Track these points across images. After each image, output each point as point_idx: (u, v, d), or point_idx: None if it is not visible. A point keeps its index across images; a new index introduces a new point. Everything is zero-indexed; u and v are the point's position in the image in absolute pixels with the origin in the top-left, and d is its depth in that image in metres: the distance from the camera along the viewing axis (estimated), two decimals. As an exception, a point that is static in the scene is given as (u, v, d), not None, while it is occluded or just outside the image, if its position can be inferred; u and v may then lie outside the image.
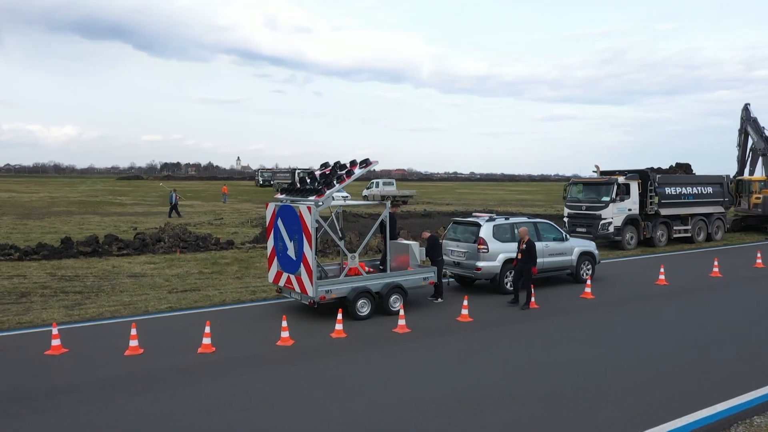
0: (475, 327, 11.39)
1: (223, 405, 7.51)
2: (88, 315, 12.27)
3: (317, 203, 11.48)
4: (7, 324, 11.48)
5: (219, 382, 8.36)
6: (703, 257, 20.92)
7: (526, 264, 12.90)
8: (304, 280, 11.61)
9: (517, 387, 8.12)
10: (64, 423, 7.03)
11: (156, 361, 9.24)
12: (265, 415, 7.19)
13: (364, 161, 12.53)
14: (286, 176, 78.55)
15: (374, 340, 10.46)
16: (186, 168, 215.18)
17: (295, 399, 7.71)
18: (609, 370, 8.81)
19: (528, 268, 12.88)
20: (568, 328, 11.33)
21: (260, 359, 9.39)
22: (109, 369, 8.90)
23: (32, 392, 7.95)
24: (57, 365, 9.08)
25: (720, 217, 26.13)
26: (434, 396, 7.79)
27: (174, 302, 13.42)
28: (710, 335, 10.80)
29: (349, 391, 8.01)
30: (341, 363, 9.19)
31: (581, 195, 23.82)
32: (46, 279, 15.84)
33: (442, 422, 6.97)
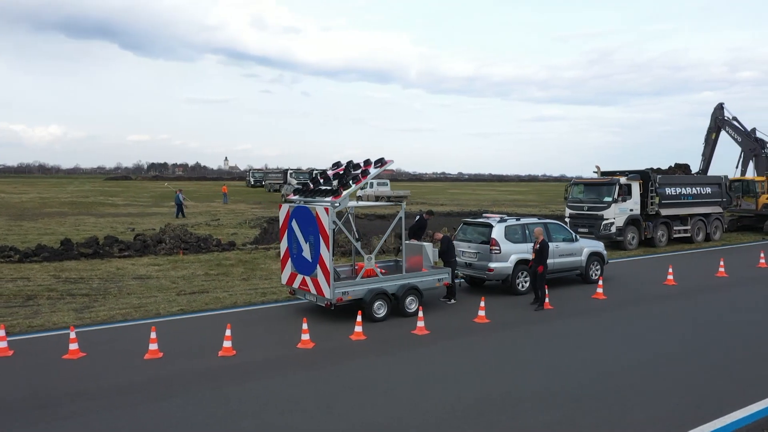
0: (493, 328, 11.36)
1: (255, 409, 7.41)
2: (99, 318, 12.09)
3: (334, 204, 11.39)
4: (18, 328, 11.28)
5: (246, 385, 8.25)
6: (705, 257, 21.06)
7: (538, 263, 12.94)
8: (320, 282, 11.51)
9: (548, 389, 8.09)
10: (92, 430, 6.89)
11: (177, 365, 9.12)
12: (300, 419, 7.10)
13: (380, 160, 12.42)
14: (278, 177, 78.27)
15: (394, 342, 10.39)
16: (173, 168, 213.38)
17: (327, 402, 7.62)
18: (634, 371, 8.81)
19: (537, 268, 12.95)
20: (586, 329, 11.33)
21: (283, 362, 9.29)
22: (131, 373, 8.76)
23: (57, 398, 7.80)
24: (77, 370, 8.93)
25: (718, 218, 26.33)
26: (467, 398, 7.73)
27: (185, 305, 13.27)
28: (729, 336, 10.84)
29: (380, 394, 7.94)
30: (366, 366, 9.12)
31: (583, 195, 23.89)
32: (51, 281, 15.61)
33: (483, 424, 6.92)
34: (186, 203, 39.78)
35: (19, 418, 7.19)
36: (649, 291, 14.83)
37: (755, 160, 29.63)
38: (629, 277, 16.74)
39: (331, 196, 11.67)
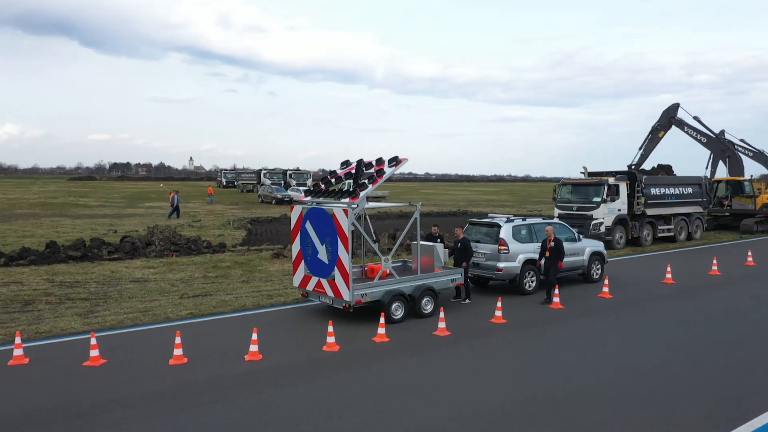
0: (511, 328, 11.41)
1: (303, 414, 7.28)
2: (107, 323, 11.75)
3: (351, 206, 11.28)
4: (26, 334, 10.87)
5: (285, 390, 8.11)
6: (693, 256, 21.58)
7: (554, 260, 13.11)
8: (338, 284, 11.39)
9: (587, 387, 8.15)
10: (140, 438, 6.69)
11: (206, 370, 8.91)
12: (353, 423, 7.00)
13: (394, 159, 12.32)
14: (252, 177, 77.31)
15: (419, 344, 10.35)
16: (137, 168, 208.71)
17: (374, 406, 7.53)
18: (664, 369, 8.94)
19: (555, 264, 13.11)
20: (603, 328, 11.47)
21: (314, 365, 9.16)
22: (160, 379, 8.53)
23: (91, 406, 7.54)
24: (102, 377, 8.65)
25: (699, 217, 27.02)
26: (512, 397, 7.75)
27: (192, 308, 12.99)
28: (744, 333, 11.09)
29: (425, 396, 7.89)
30: (400, 368, 9.05)
31: (571, 196, 24.22)
32: (46, 286, 15.11)
33: (539, 423, 6.93)
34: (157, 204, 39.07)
35: (57, 428, 6.93)
36: (651, 290, 15.11)
37: (729, 162, 30.41)
38: (627, 276, 17.02)
39: (348, 197, 11.56)
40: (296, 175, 73.40)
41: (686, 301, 13.75)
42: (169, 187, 70.66)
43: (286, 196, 50.95)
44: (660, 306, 13.26)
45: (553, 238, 13.40)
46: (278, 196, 50.68)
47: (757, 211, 29.55)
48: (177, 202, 35.85)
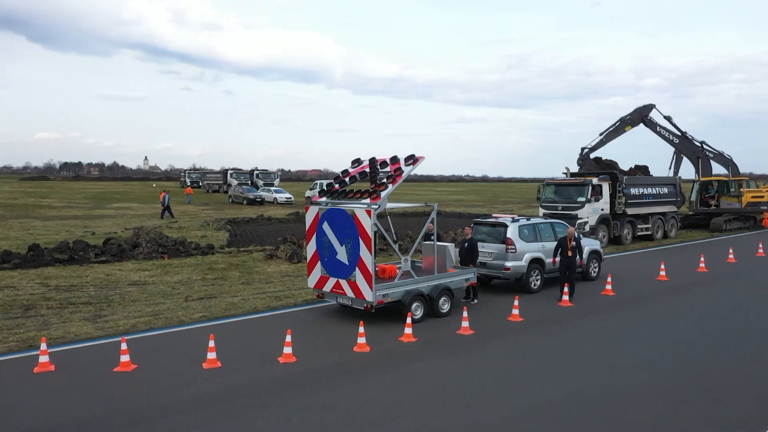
0: (531, 326, 11.61)
1: (364, 415, 7.29)
2: (120, 328, 11.46)
3: (370, 206, 11.28)
4: (39, 340, 10.51)
5: (334, 391, 8.08)
6: (675, 253, 22.30)
7: (574, 259, 13.65)
8: (360, 284, 11.38)
9: (627, 383, 8.38)
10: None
11: (244, 373, 8.80)
12: (417, 423, 7.03)
13: (410, 157, 12.26)
14: (217, 177, 76.02)
15: (446, 343, 10.45)
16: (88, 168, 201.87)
17: (428, 404, 7.58)
18: (698, 364, 9.26)
19: (576, 263, 13.73)
20: (620, 324, 11.77)
21: (351, 366, 9.16)
22: (201, 384, 8.39)
23: (140, 413, 7.37)
24: (139, 382, 8.45)
25: (674, 216, 27.95)
26: (557, 393, 7.91)
27: (202, 311, 12.78)
28: (759, 327, 11.56)
29: (472, 393, 7.98)
30: (438, 367, 9.12)
31: (556, 196, 24.72)
32: (43, 290, 14.61)
33: (593, 417, 7.10)
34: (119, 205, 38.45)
35: (114, 436, 6.76)
36: (648, 287, 15.57)
37: (701, 163, 31.48)
38: (620, 274, 17.45)
39: (369, 198, 11.56)
40: (263, 175, 72.56)
41: (686, 298, 14.24)
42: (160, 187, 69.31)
43: (258, 197, 50.41)
44: (664, 302, 13.69)
45: (573, 237, 13.71)
46: (250, 197, 50.08)
47: (742, 209, 31.01)
48: (168, 202, 35.70)
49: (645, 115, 29.67)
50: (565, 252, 13.60)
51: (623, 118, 28.96)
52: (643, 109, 29.50)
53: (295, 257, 19.52)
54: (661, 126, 30.27)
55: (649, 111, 29.61)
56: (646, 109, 29.55)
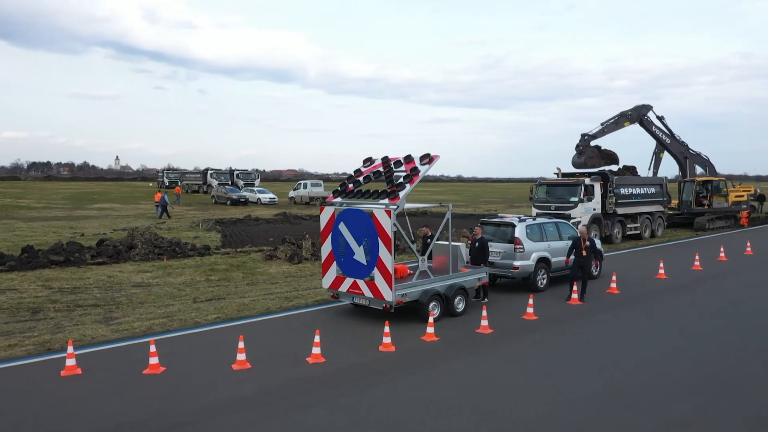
0: (548, 324, 11.77)
1: (411, 414, 7.33)
2: (136, 330, 11.33)
3: (390, 206, 11.33)
4: (58, 344, 10.36)
5: (370, 391, 8.12)
6: (667, 252, 22.76)
7: (589, 259, 13.84)
8: (379, 284, 11.42)
9: (656, 379, 8.57)
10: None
11: (274, 374, 8.79)
12: (465, 420, 7.11)
13: (426, 156, 12.21)
14: (197, 177, 75.20)
15: (468, 341, 10.55)
16: (58, 168, 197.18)
17: (472, 402, 7.67)
18: (718, 359, 9.51)
19: (591, 263, 13.94)
20: (633, 321, 12.00)
21: (381, 366, 9.19)
22: (235, 385, 8.36)
23: (184, 415, 7.32)
24: (171, 384, 8.39)
25: (661, 216, 28.53)
26: (595, 390, 8.06)
27: (215, 312, 12.70)
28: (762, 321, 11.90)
29: (510, 390, 8.09)
30: (468, 365, 9.21)
31: (548, 196, 25.04)
32: (46, 292, 14.36)
33: (631, 413, 7.26)
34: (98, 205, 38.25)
35: (163, 438, 6.71)
36: (651, 285, 15.89)
37: (688, 163, 32.16)
38: (619, 273, 17.75)
39: (387, 198, 11.59)
40: (244, 175, 72.08)
41: (689, 295, 14.58)
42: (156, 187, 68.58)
43: (241, 197, 50.05)
44: (671, 300, 13.98)
45: (587, 237, 13.94)
46: (233, 197, 49.70)
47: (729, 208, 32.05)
48: (166, 202, 35.85)
49: (644, 114, 30.09)
50: (580, 252, 13.82)
51: (624, 113, 29.19)
52: (642, 108, 29.89)
53: (296, 258, 19.47)
54: (656, 126, 30.77)
55: (648, 111, 30.13)
56: (644, 109, 29.97)
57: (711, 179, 32.20)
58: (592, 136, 27.98)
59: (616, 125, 28.79)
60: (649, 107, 30.04)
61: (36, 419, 7.23)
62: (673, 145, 31.40)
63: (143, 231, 22.05)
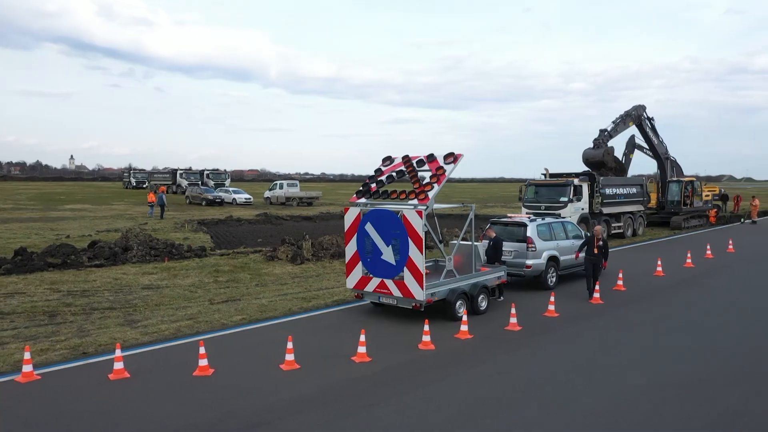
0: (573, 320, 12.10)
1: (472, 410, 7.51)
2: (165, 332, 11.22)
3: (418, 206, 11.48)
4: (92, 347, 10.21)
5: (428, 388, 8.26)
6: (654, 250, 23.53)
7: (600, 257, 14.20)
8: (409, 284, 11.56)
9: (696, 370, 8.96)
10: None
11: (326, 374, 8.85)
12: (534, 413, 7.33)
13: (450, 155, 12.31)
14: (166, 177, 73.86)
15: (500, 339, 10.80)
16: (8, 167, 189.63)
17: (533, 396, 7.89)
18: (747, 351, 9.97)
19: (601, 262, 14.24)
20: (655, 317, 12.40)
21: (428, 363, 9.35)
22: (290, 385, 8.40)
23: (254, 415, 7.34)
24: (226, 385, 8.37)
25: (642, 215, 29.44)
26: (642, 382, 8.37)
27: (236, 314, 12.64)
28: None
29: (560, 384, 8.33)
30: (513, 362, 9.45)
31: (538, 196, 25.56)
32: (56, 296, 14.04)
33: (689, 403, 7.59)
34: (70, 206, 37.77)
35: (244, 439, 6.73)
36: (654, 282, 16.46)
37: (669, 164, 33.22)
38: (616, 271, 18.29)
39: (416, 198, 11.72)
40: (214, 175, 71.26)
41: (694, 290, 15.19)
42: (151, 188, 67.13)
43: (217, 197, 49.45)
44: (678, 295, 14.55)
45: (599, 237, 14.32)
46: (209, 197, 49.08)
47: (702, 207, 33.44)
48: (164, 202, 35.81)
49: (641, 115, 31.03)
50: (591, 250, 14.22)
51: (628, 113, 30.30)
52: (639, 108, 30.90)
53: (298, 258, 19.43)
54: (650, 127, 31.71)
55: (643, 111, 31.17)
56: (641, 109, 31.02)
57: (692, 180, 33.36)
58: (609, 133, 28.98)
59: (624, 125, 29.87)
60: (644, 107, 31.02)
61: (99, 424, 7.15)
62: (659, 146, 32.46)
63: (137, 233, 21.67)
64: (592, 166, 28.03)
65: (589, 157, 28.11)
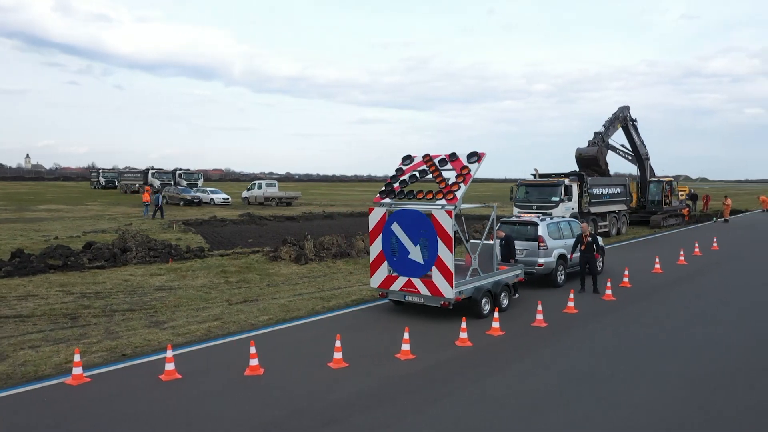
0: (592, 316, 12.47)
1: (536, 403, 7.76)
2: (197, 333, 11.21)
3: (446, 206, 11.69)
4: (128, 349, 10.13)
5: (485, 381, 8.48)
6: (641, 248, 24.28)
7: (591, 253, 14.81)
8: (438, 282, 11.76)
9: (722, 361, 9.39)
10: None
11: (376, 371, 8.98)
12: (592, 406, 7.61)
13: (473, 154, 12.53)
14: (137, 177, 72.34)
15: (531, 335, 11.09)
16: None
17: (582, 391, 8.18)
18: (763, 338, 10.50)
19: (593, 256, 14.85)
20: (670, 310, 12.90)
21: (475, 358, 9.58)
22: (348, 382, 8.52)
23: (326, 411, 7.44)
24: (282, 384, 8.45)
25: (625, 214, 30.29)
26: (676, 371, 8.75)
27: (259, 314, 12.67)
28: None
29: (605, 377, 8.65)
30: (554, 355, 9.73)
31: (529, 196, 26.06)
32: (71, 298, 13.82)
33: (725, 393, 7.99)
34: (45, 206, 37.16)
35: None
36: (655, 279, 17.02)
37: (647, 164, 34.21)
38: (614, 269, 18.83)
39: (443, 198, 11.92)
40: (187, 175, 70.14)
41: (697, 286, 15.79)
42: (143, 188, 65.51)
43: (195, 197, 48.81)
44: (685, 291, 15.12)
45: (588, 233, 14.78)
46: (187, 197, 48.41)
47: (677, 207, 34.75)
48: (160, 202, 35.80)
49: (626, 116, 31.82)
50: (580, 247, 14.75)
51: (616, 115, 31.19)
52: (625, 109, 31.71)
53: (303, 259, 19.44)
54: (633, 128, 32.52)
55: (628, 112, 31.95)
56: (626, 110, 31.84)
57: (670, 180, 34.42)
58: (602, 136, 30.05)
59: (613, 127, 30.81)
60: (628, 108, 31.91)
61: (174, 423, 7.15)
62: (641, 147, 33.36)
63: (134, 233, 21.34)
64: (584, 163, 28.79)
65: (583, 153, 28.91)
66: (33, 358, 9.58)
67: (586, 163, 28.90)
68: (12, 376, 8.81)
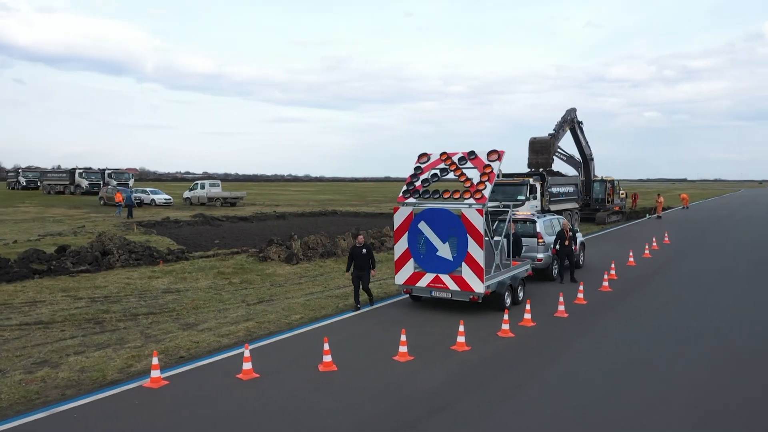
0: (601, 306, 13.41)
1: (606, 386, 8.44)
2: (240, 333, 11.27)
3: (474, 205, 12.26)
4: (183, 351, 10.05)
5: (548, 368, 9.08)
6: (601, 243, 25.84)
7: (571, 247, 16.10)
8: (468, 278, 12.30)
9: (735, 343, 10.48)
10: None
11: (440, 364, 9.37)
12: (646, 394, 8.37)
13: (493, 152, 13.17)
14: (62, 177, 68.50)
15: (561, 325, 11.84)
16: None
17: (641, 374, 8.95)
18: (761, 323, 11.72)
19: (573, 250, 16.15)
20: (673, 298, 14.02)
21: (522, 349, 10.16)
22: (427, 374, 8.90)
23: (417, 404, 7.80)
24: (363, 379, 8.72)
25: (577, 212, 32.04)
26: (707, 352, 9.72)
27: (283, 313, 12.79)
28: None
29: (648, 358, 9.48)
30: (592, 339, 10.49)
31: (496, 195, 26.99)
32: (82, 303, 13.40)
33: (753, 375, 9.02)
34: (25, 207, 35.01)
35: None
36: (635, 271, 18.31)
37: (591, 165, 36.22)
38: (591, 262, 20.05)
39: (471, 197, 12.46)
40: (116, 175, 67.36)
41: (679, 275, 17.15)
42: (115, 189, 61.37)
43: (136, 198, 47.02)
44: (669, 280, 16.39)
45: (569, 228, 15.88)
46: (128, 199, 46.53)
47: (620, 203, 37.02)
48: (131, 202, 35.87)
49: (573, 118, 33.28)
50: (563, 242, 15.80)
51: (564, 119, 32.49)
52: (572, 111, 33.10)
53: (294, 259, 19.49)
54: (580, 129, 34.13)
55: (575, 113, 33.37)
56: (573, 112, 33.23)
57: (612, 179, 36.58)
58: (555, 136, 31.33)
59: (563, 130, 32.13)
60: (575, 110, 33.42)
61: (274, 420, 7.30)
62: (586, 148, 35.18)
63: (111, 236, 20.59)
64: (535, 148, 30.14)
65: (538, 139, 30.32)
66: (89, 364, 9.35)
67: (539, 149, 30.21)
68: (81, 383, 8.61)
